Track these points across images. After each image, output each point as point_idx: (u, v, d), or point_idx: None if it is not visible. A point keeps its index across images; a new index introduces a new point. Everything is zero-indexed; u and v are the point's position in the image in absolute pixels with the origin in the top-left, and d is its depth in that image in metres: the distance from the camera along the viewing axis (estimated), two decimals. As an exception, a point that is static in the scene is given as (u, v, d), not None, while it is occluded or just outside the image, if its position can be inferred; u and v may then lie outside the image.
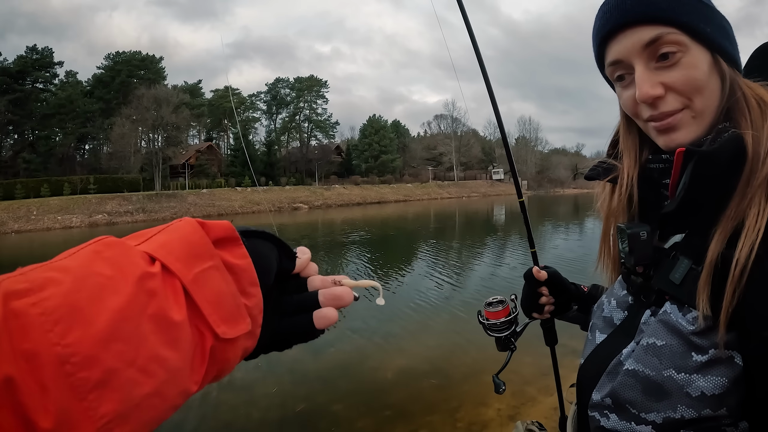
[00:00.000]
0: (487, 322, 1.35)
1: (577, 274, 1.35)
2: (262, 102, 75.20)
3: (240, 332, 0.44)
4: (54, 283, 0.33)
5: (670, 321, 0.74)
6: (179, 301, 0.39)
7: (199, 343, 0.41)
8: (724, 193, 0.72)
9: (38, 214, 35.18)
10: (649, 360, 0.74)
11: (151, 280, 0.37)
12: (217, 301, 0.42)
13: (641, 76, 0.75)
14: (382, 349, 6.35)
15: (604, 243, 0.97)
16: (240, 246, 0.47)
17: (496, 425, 4.07)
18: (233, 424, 4.43)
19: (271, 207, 45.10)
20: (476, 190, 71.41)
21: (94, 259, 0.36)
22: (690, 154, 0.73)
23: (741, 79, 0.78)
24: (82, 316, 0.33)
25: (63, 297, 0.32)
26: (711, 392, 0.68)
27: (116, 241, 0.39)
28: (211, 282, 0.42)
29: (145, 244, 0.42)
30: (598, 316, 0.94)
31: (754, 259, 0.65)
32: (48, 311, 0.31)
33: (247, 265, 0.46)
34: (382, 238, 21.57)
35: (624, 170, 0.89)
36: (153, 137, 54.79)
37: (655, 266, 0.81)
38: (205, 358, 0.41)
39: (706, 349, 0.69)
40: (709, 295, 0.69)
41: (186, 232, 0.43)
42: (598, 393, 0.81)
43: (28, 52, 55.98)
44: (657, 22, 0.73)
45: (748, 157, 0.71)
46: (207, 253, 0.43)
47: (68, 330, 0.32)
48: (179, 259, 0.41)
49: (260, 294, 0.47)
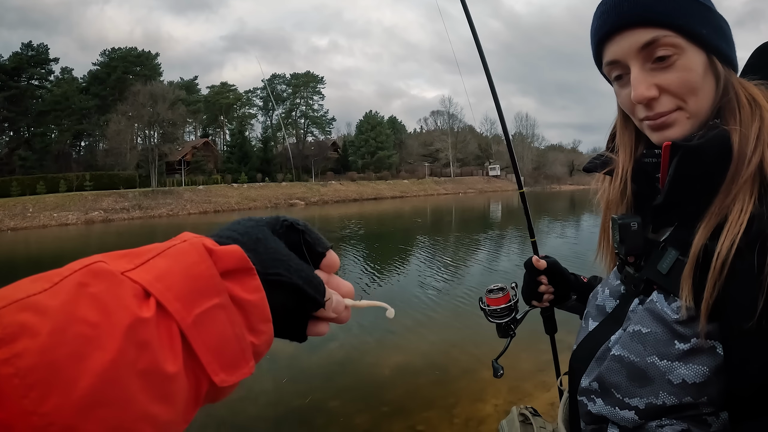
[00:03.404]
0: (488, 308, 1.38)
1: (573, 270, 1.36)
2: (258, 98, 75.17)
3: (240, 378, 0.40)
4: (29, 332, 0.28)
5: (656, 309, 0.76)
6: (175, 350, 0.35)
7: (193, 389, 0.37)
8: (712, 188, 0.74)
9: (34, 212, 35.07)
10: (634, 346, 0.76)
11: (144, 328, 0.33)
12: (218, 347, 0.38)
13: (637, 78, 0.77)
14: (380, 345, 6.36)
15: (603, 234, 1.00)
16: (253, 277, 0.41)
17: (493, 421, 4.08)
18: (229, 420, 4.42)
19: (268, 203, 45.10)
20: (473, 186, 71.44)
21: (78, 298, 0.31)
22: (676, 148, 0.75)
23: (735, 78, 0.80)
24: (62, 378, 0.29)
25: (39, 354, 0.28)
26: (692, 380, 0.70)
27: (105, 269, 0.34)
28: (214, 324, 0.38)
29: (140, 269, 0.36)
30: (593, 304, 0.97)
31: (735, 252, 0.67)
32: (22, 372, 0.28)
33: (259, 301, 0.41)
34: (379, 233, 21.60)
35: (619, 164, 0.91)
36: (149, 134, 54.59)
37: (646, 257, 0.84)
38: (199, 403, 0.38)
39: (689, 338, 0.71)
40: (692, 285, 0.71)
41: (190, 260, 0.38)
42: (587, 378, 0.84)
43: (23, 48, 55.89)
44: (653, 25, 0.74)
45: (734, 155, 0.73)
46: (213, 289, 0.38)
47: (45, 396, 0.28)
48: (179, 297, 0.36)
49: (271, 330, 0.43)
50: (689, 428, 0.71)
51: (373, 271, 11.95)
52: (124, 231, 27.73)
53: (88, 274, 0.33)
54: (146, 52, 64.81)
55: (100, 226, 32.26)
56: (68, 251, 20.10)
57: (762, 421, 0.67)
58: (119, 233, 26.75)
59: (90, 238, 25.79)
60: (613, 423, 0.78)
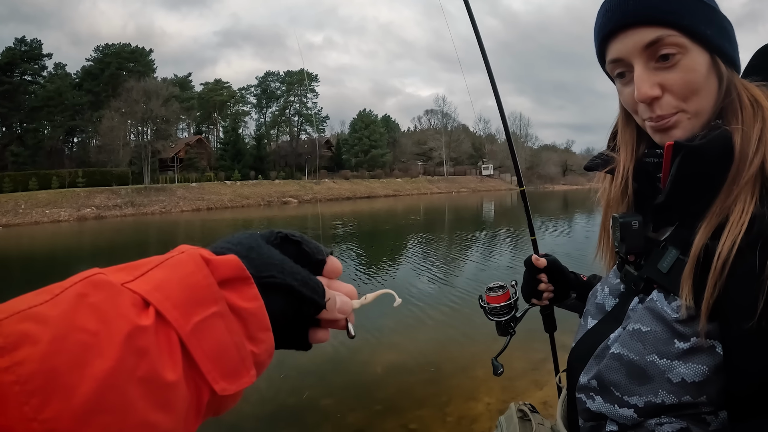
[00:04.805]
0: (488, 306, 1.39)
1: (571, 269, 1.36)
2: (252, 95, 74.93)
3: (241, 387, 0.40)
4: (30, 340, 0.29)
5: (656, 308, 0.76)
6: (174, 358, 0.35)
7: (194, 398, 0.37)
8: (713, 188, 0.75)
9: (26, 208, 34.94)
10: (633, 345, 0.76)
11: (143, 336, 0.33)
12: (218, 355, 0.38)
13: (640, 77, 0.76)
14: (372, 343, 6.34)
15: (603, 232, 1.00)
16: (251, 286, 0.42)
17: (485, 419, 4.08)
18: (221, 419, 4.39)
19: (261, 201, 45.01)
20: (466, 186, 71.76)
21: (78, 307, 0.32)
22: (678, 148, 0.75)
23: (738, 79, 0.80)
24: (62, 385, 0.29)
25: (40, 362, 0.29)
26: (691, 379, 0.70)
27: (104, 281, 0.35)
28: (213, 332, 0.38)
29: (139, 281, 0.37)
30: (592, 302, 0.97)
31: (736, 252, 0.67)
32: (22, 379, 0.28)
33: (257, 309, 0.42)
34: (372, 232, 21.59)
35: (620, 163, 0.91)
36: (142, 130, 54.47)
37: (646, 256, 0.84)
38: (201, 413, 0.38)
39: (688, 337, 0.71)
40: (693, 285, 0.71)
41: (188, 270, 0.39)
42: (585, 375, 0.84)
43: (16, 43, 55.48)
44: (658, 24, 0.74)
45: (736, 155, 0.73)
46: (210, 297, 0.38)
47: (46, 403, 0.28)
48: (177, 306, 0.36)
49: (272, 339, 0.43)
50: (688, 426, 0.71)
51: (366, 270, 11.93)
52: (116, 228, 27.59)
53: (88, 285, 0.33)
54: (140, 48, 64.59)
55: (92, 223, 32.12)
56: (60, 248, 20.01)
57: (761, 421, 0.67)
58: (112, 230, 26.60)
59: (82, 235, 25.66)
60: (611, 420, 0.78)
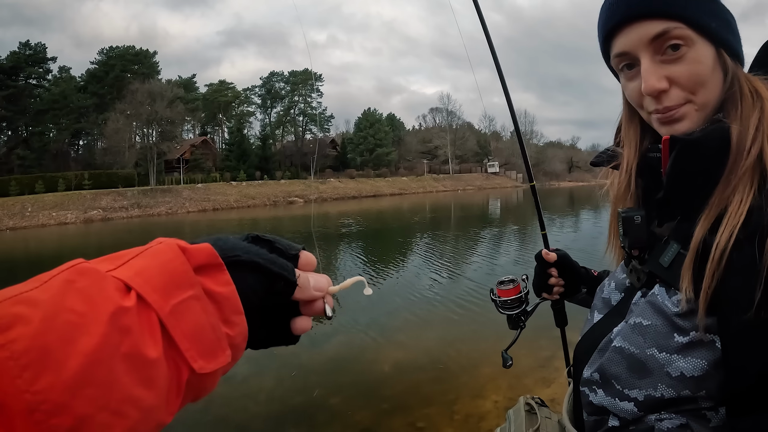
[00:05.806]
0: (498, 299, 1.40)
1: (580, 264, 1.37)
2: (257, 96, 74.93)
3: (218, 366, 0.42)
4: (22, 321, 0.31)
5: (657, 302, 0.77)
6: (155, 336, 0.38)
7: (174, 376, 0.39)
8: (713, 181, 0.75)
9: (33, 211, 35.05)
10: (634, 338, 0.77)
11: (126, 315, 0.36)
12: (195, 335, 0.40)
13: (647, 70, 0.76)
14: (380, 342, 6.36)
15: (612, 227, 1.00)
16: (223, 272, 0.44)
17: (493, 417, 4.08)
18: (229, 418, 4.42)
19: (267, 201, 45.08)
20: (471, 183, 71.50)
21: (66, 291, 0.34)
22: (674, 142, 0.76)
23: (742, 72, 0.80)
24: (52, 360, 0.31)
25: (32, 339, 0.31)
26: (690, 374, 0.70)
27: (89, 268, 0.37)
28: (190, 313, 0.40)
29: (121, 269, 0.39)
30: (599, 297, 0.98)
31: (733, 244, 0.67)
32: (16, 355, 0.30)
33: (230, 293, 0.44)
34: (378, 230, 21.60)
35: (625, 159, 0.91)
36: (147, 132, 54.57)
37: (650, 250, 0.84)
38: (181, 391, 0.40)
39: (688, 331, 0.71)
40: (692, 278, 0.71)
41: (166, 258, 0.41)
42: (589, 369, 0.85)
43: (20, 47, 55.64)
44: (663, 17, 0.74)
45: (732, 146, 0.73)
46: (187, 282, 0.41)
47: (38, 376, 0.30)
48: (156, 289, 0.39)
49: (245, 322, 0.45)
50: (688, 423, 0.71)
51: (373, 268, 11.94)
52: (123, 229, 27.70)
53: (75, 272, 0.36)
54: (144, 50, 64.64)
55: (99, 225, 32.24)
56: (67, 250, 20.09)
57: (759, 416, 0.66)
58: (118, 232, 26.71)
59: (89, 237, 25.78)
60: (613, 414, 0.79)
